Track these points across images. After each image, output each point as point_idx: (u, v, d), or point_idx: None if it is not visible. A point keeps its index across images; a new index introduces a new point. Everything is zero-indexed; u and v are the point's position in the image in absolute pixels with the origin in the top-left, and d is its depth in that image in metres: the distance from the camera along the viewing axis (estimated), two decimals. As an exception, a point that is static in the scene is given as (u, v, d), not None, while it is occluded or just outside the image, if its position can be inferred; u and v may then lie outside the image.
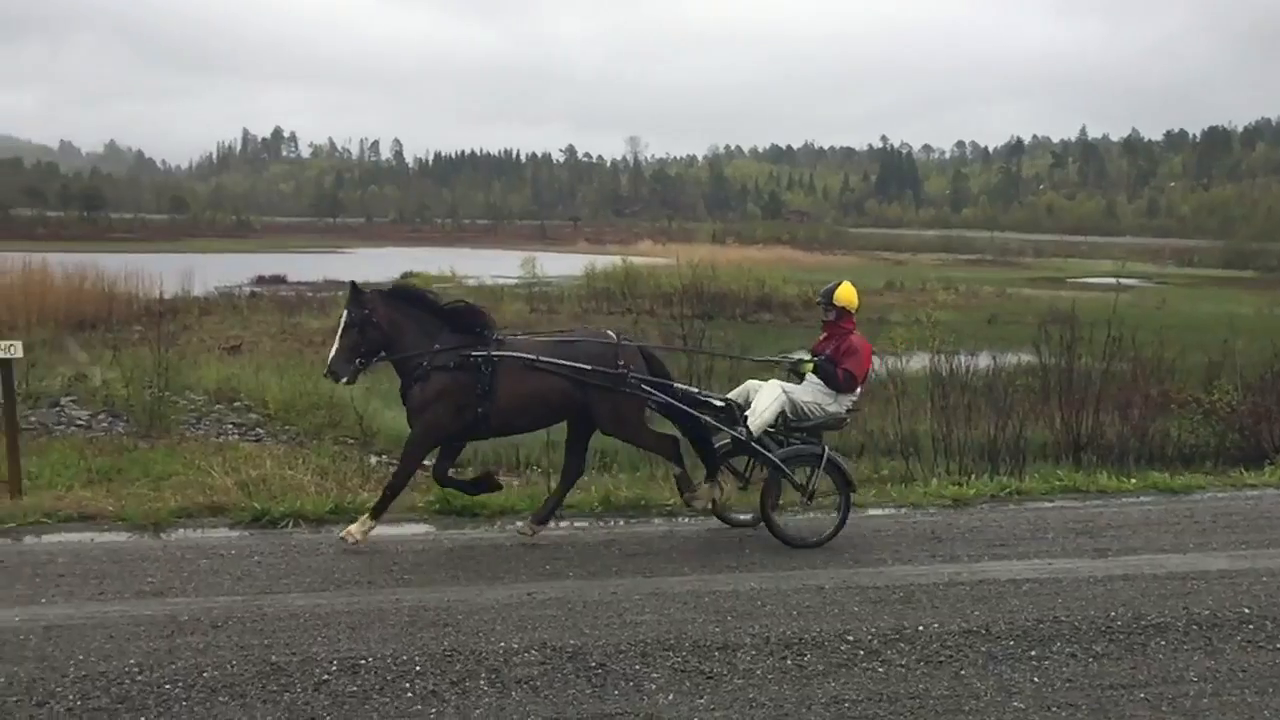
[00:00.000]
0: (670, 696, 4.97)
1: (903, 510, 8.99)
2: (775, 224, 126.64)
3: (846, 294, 8.03)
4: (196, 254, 66.82)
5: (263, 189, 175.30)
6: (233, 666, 5.12)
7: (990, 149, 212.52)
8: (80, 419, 18.41)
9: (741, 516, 8.19)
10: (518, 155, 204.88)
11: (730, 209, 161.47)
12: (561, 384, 7.47)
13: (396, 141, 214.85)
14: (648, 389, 7.61)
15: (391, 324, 7.46)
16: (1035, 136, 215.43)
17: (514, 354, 7.45)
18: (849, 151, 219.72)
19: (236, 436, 17.16)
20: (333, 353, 7.49)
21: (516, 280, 48.91)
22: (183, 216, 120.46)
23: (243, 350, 29.04)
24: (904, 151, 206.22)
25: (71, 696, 4.76)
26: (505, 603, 6.19)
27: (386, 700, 4.86)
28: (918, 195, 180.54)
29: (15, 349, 9.66)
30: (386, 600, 6.19)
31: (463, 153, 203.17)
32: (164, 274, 40.70)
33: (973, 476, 10.45)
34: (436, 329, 7.53)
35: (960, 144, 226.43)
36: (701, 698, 4.97)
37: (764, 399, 7.69)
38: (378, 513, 7.43)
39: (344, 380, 7.62)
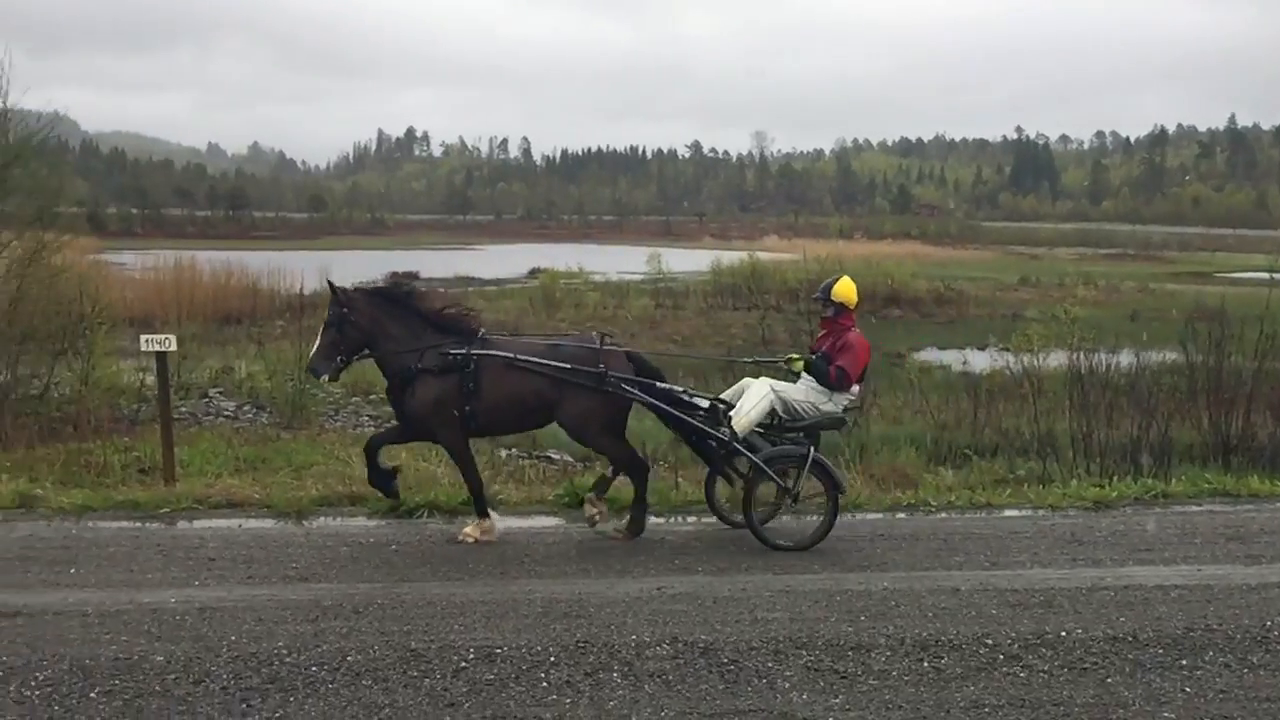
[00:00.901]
0: (804, 695, 4.92)
1: (1040, 512, 8.71)
2: (904, 218, 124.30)
3: (844, 290, 7.81)
4: (334, 251, 68.98)
5: (396, 187, 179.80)
6: (375, 651, 5.27)
7: (1132, 139, 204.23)
8: (227, 410, 19.19)
9: (740, 518, 7.79)
10: (644, 152, 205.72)
11: (858, 203, 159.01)
12: (539, 385, 7.46)
13: (525, 139, 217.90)
14: (628, 389, 7.53)
15: (373, 322, 7.52)
16: (1180, 126, 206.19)
17: (494, 353, 7.47)
18: (982, 143, 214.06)
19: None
20: (313, 350, 7.65)
21: (642, 276, 49.09)
22: (321, 215, 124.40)
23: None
24: (1040, 143, 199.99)
25: (225, 675, 4.97)
26: (635, 596, 6.22)
27: (523, 689, 4.93)
28: (1054, 188, 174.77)
29: (170, 343, 10.12)
30: (519, 591, 6.29)
31: (589, 150, 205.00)
32: (304, 270, 42.19)
33: (1114, 478, 10.06)
34: (420, 329, 7.57)
35: (1100, 134, 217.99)
36: (836, 697, 4.91)
37: (750, 398, 7.52)
38: (481, 512, 7.58)
39: (324, 377, 7.77)
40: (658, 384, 7.69)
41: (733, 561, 7.03)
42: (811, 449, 7.40)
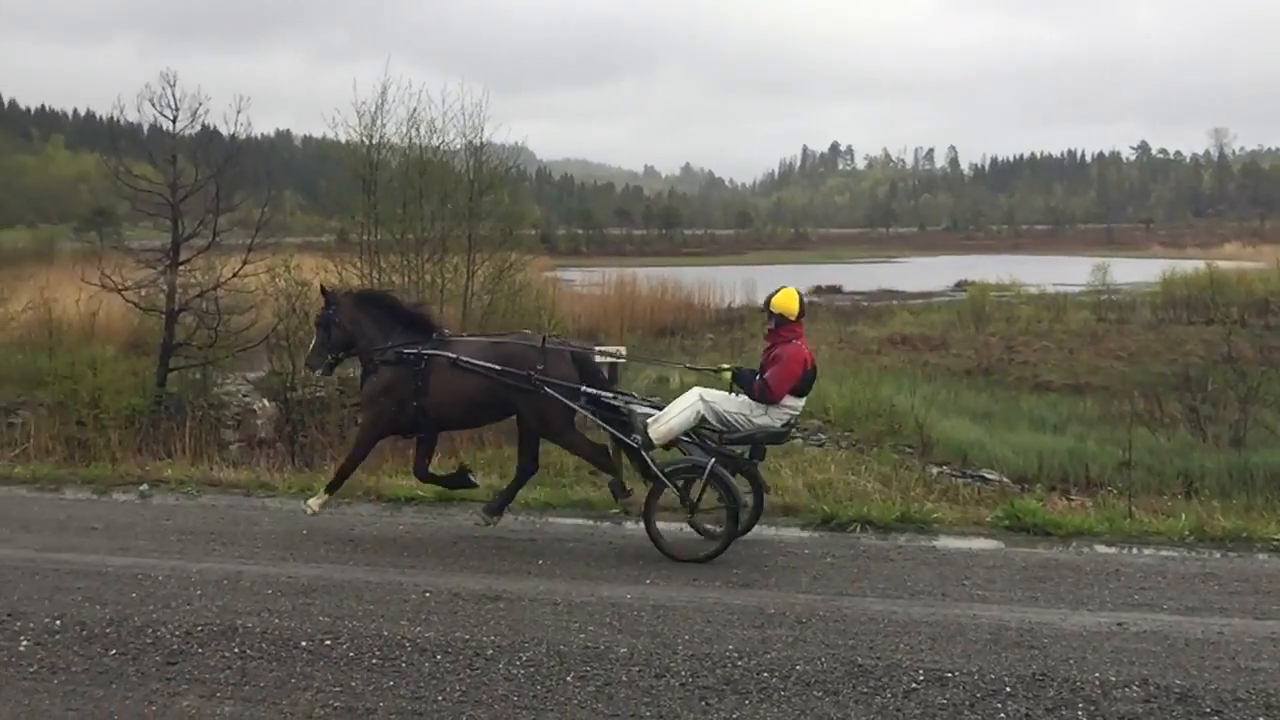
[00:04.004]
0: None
1: None
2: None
3: (781, 301, 7.51)
4: (759, 266, 70.82)
5: (819, 202, 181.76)
6: (822, 663, 5.29)
7: None
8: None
9: (718, 529, 7.44)
10: (1082, 156, 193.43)
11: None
12: (485, 383, 7.64)
13: (951, 149, 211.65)
14: (550, 390, 7.51)
15: (353, 323, 8.08)
16: None
17: (441, 353, 7.74)
18: None
19: (800, 441, 17.88)
20: (310, 348, 8.40)
21: (1081, 288, 46.11)
22: (746, 231, 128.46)
23: (803, 357, 30.14)
24: None
25: (684, 673, 5.20)
26: (1093, 630, 5.80)
27: (978, 718, 4.75)
28: None
29: (621, 354, 10.86)
30: (964, 614, 6.08)
31: (1020, 156, 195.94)
32: (731, 285, 43.73)
33: None
34: (391, 328, 8.02)
35: None
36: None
37: (675, 406, 7.45)
38: (332, 489, 8.07)
39: (318, 372, 8.61)
40: (583, 387, 7.60)
41: (1203, 601, 6.37)
42: (711, 461, 7.15)
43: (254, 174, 23.12)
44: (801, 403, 7.61)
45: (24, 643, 5.67)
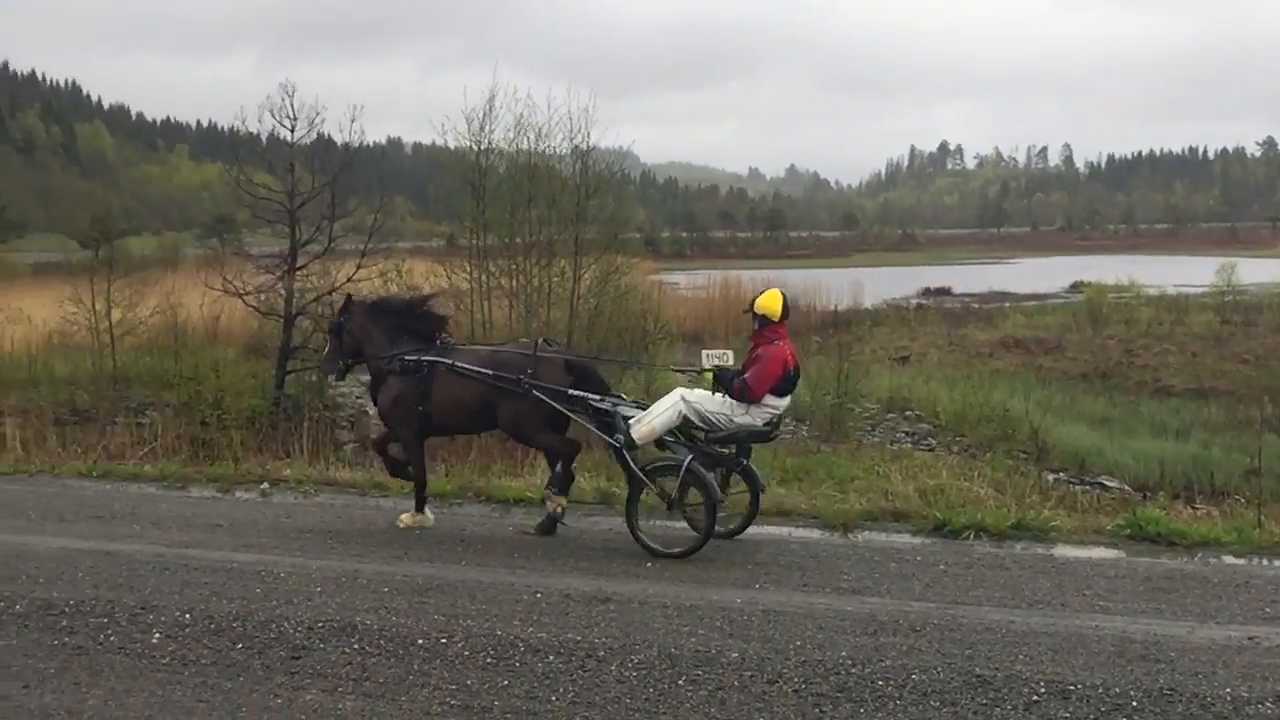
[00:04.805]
0: None
1: None
2: None
3: (764, 302, 7.70)
4: (865, 268, 70.03)
5: (927, 202, 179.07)
6: (938, 673, 5.19)
7: None
8: (770, 421, 20.09)
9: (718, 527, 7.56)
10: (1204, 152, 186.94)
11: None
12: (478, 389, 7.89)
13: (1066, 146, 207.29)
14: (540, 394, 7.74)
15: (362, 330, 8.42)
16: None
17: (439, 359, 7.99)
18: None
19: (909, 445, 17.66)
20: (325, 353, 8.93)
21: (1204, 289, 44.48)
22: (852, 232, 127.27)
23: (911, 361, 29.81)
24: None
25: (796, 679, 5.14)
26: (1223, 645, 5.58)
27: (1103, 732, 4.61)
28: None
29: (727, 357, 10.76)
30: (1085, 625, 5.90)
31: (1139, 153, 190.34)
32: (837, 287, 43.32)
33: None
34: (398, 335, 8.28)
35: None
36: None
37: (657, 407, 7.62)
38: (420, 505, 8.28)
39: (332, 376, 9.05)
40: (570, 391, 7.80)
41: (1342, 616, 6.08)
42: (688, 460, 7.28)
43: (366, 181, 23.70)
44: (784, 402, 7.74)
45: (156, 635, 5.89)
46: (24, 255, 58.38)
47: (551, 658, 5.46)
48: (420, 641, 5.71)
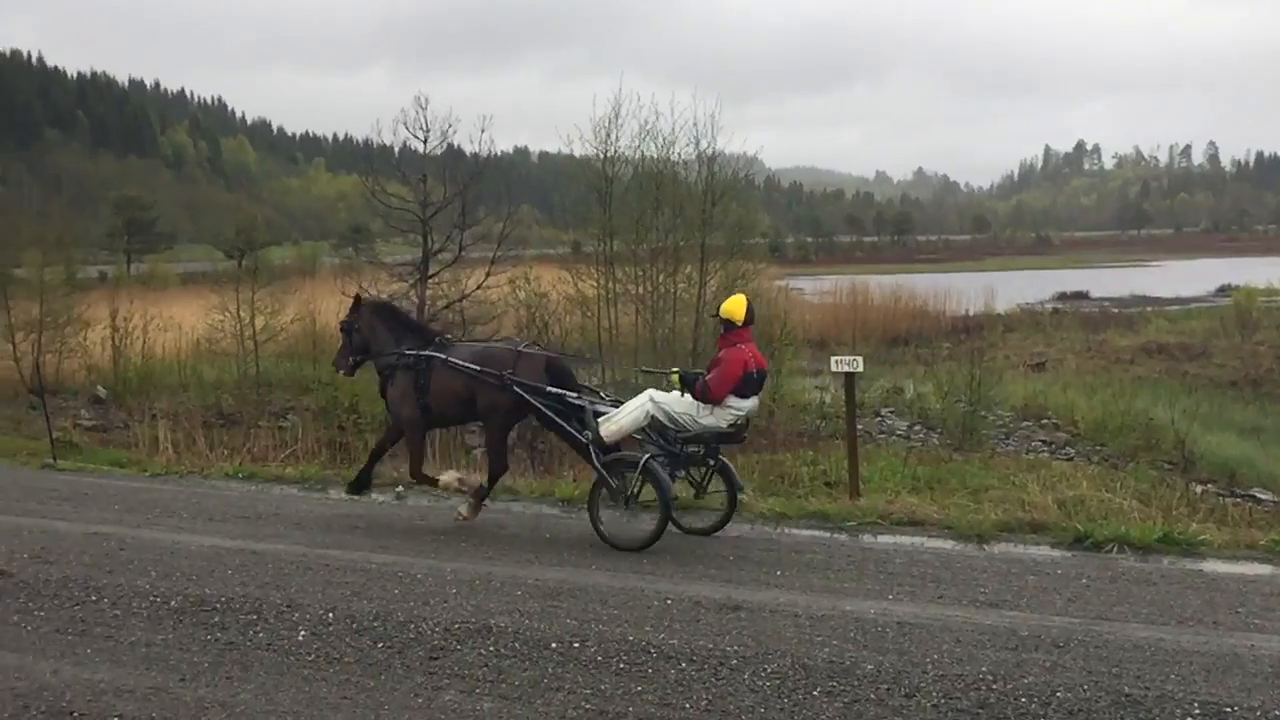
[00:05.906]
0: None
1: None
2: None
3: (729, 307, 8.01)
4: (997, 272, 68.31)
5: (1063, 204, 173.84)
6: (1084, 691, 4.99)
7: None
8: (899, 429, 19.83)
9: (697, 524, 8.21)
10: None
11: None
12: (467, 382, 8.42)
13: (1211, 144, 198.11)
14: (519, 389, 8.26)
15: (370, 329, 8.97)
16: None
17: (434, 355, 8.57)
18: None
19: (1046, 454, 17.14)
20: (338, 350, 9.38)
21: (1363, 292, 42.14)
22: (983, 236, 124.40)
23: (1047, 367, 28.98)
24: None
25: (935, 693, 5.02)
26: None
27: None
28: None
29: (858, 364, 10.63)
30: (1240, 644, 5.62)
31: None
32: (968, 292, 42.35)
33: None
34: (403, 335, 8.90)
35: None
36: None
37: (627, 407, 8.01)
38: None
39: (342, 372, 9.52)
40: (547, 388, 8.27)
41: None
42: (645, 457, 7.72)
43: (495, 190, 24.12)
44: (748, 404, 7.92)
45: (301, 632, 6.09)
46: (174, 265, 61.07)
47: (684, 665, 5.45)
48: (554, 645, 5.77)
